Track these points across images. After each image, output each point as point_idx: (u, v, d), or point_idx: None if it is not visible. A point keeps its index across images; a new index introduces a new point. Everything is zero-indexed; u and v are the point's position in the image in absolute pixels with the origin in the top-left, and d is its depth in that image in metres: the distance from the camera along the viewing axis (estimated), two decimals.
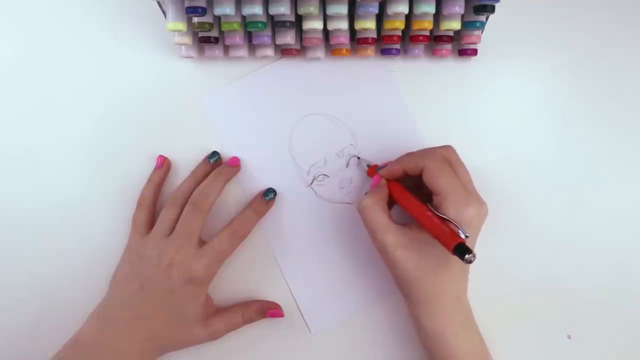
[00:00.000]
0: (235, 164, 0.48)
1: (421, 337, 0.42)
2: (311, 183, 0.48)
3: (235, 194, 0.48)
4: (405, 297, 0.42)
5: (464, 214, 0.39)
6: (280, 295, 0.48)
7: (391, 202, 0.44)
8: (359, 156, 0.48)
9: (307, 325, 0.48)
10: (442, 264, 0.40)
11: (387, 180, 0.44)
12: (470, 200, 0.40)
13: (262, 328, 0.47)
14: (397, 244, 0.40)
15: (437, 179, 0.40)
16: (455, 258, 0.36)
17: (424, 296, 0.41)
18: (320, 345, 0.48)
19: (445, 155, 0.42)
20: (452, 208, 0.39)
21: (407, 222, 0.42)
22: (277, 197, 0.48)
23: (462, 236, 0.37)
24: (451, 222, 0.38)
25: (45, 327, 0.47)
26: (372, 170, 0.46)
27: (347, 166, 0.48)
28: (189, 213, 0.44)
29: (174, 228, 0.44)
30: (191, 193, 0.45)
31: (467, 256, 0.35)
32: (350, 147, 0.49)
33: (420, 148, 0.44)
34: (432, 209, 0.40)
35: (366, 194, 0.43)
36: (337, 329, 0.48)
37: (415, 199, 0.41)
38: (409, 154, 0.44)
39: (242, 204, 0.48)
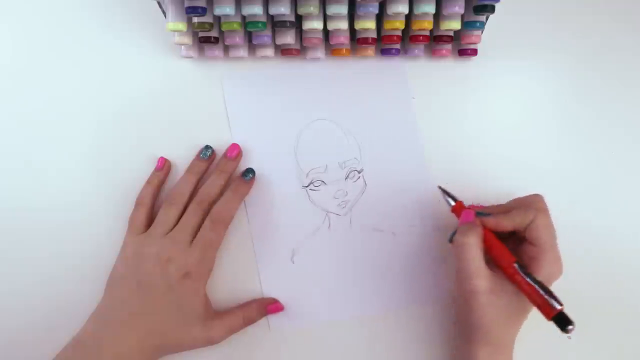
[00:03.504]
0: (234, 155, 0.47)
1: None
2: (307, 186, 0.48)
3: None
4: (467, 339, 0.41)
5: (553, 271, 0.40)
6: (253, 292, 0.47)
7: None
8: (440, 186, 0.45)
9: (268, 323, 0.47)
10: (520, 315, 0.41)
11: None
12: (558, 258, 0.41)
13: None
14: (489, 290, 0.40)
15: (542, 233, 0.40)
16: (530, 307, 0.38)
17: (489, 340, 0.40)
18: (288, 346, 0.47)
19: (544, 207, 0.42)
20: (547, 265, 0.40)
21: (492, 266, 0.41)
22: (270, 192, 0.48)
23: (557, 307, 0.37)
24: (544, 289, 0.38)
25: (46, 328, 0.47)
26: (460, 208, 0.44)
27: (345, 179, 0.48)
28: (192, 212, 0.45)
29: (173, 227, 0.44)
30: (190, 191, 0.46)
31: (568, 327, 0.35)
32: (354, 160, 0.48)
33: (423, 169, 0.43)
34: (520, 267, 0.39)
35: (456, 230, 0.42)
36: (308, 334, 0.47)
37: (508, 253, 0.40)
38: (517, 210, 0.41)
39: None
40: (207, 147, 0.48)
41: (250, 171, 0.47)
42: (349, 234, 0.48)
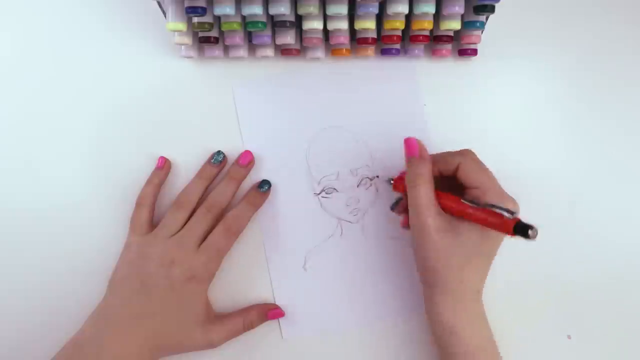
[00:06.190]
0: (246, 163, 0.47)
1: (436, 330, 0.41)
2: (319, 193, 0.48)
3: (243, 188, 0.48)
4: (428, 286, 0.41)
5: (504, 204, 0.39)
6: (265, 299, 0.47)
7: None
8: (378, 175, 0.48)
9: (280, 330, 0.47)
10: (472, 255, 0.39)
11: None
12: (507, 196, 0.40)
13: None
14: (439, 228, 0.39)
15: (476, 174, 0.40)
16: (488, 249, 0.37)
17: (447, 286, 0.40)
18: (293, 353, 0.47)
19: (470, 154, 0.42)
20: (494, 199, 0.39)
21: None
22: (282, 199, 0.48)
23: (510, 216, 0.36)
24: (496, 206, 0.38)
25: (46, 327, 0.47)
26: (400, 179, 0.44)
27: (357, 186, 0.48)
28: (201, 217, 0.45)
29: (179, 230, 0.44)
30: (199, 196, 0.46)
31: (530, 231, 0.35)
32: (366, 168, 0.48)
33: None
34: (469, 202, 0.39)
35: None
36: (313, 341, 0.47)
37: (451, 196, 0.40)
38: (439, 155, 0.43)
39: None
40: (219, 152, 0.47)
41: (266, 183, 0.47)
42: (362, 241, 0.48)
